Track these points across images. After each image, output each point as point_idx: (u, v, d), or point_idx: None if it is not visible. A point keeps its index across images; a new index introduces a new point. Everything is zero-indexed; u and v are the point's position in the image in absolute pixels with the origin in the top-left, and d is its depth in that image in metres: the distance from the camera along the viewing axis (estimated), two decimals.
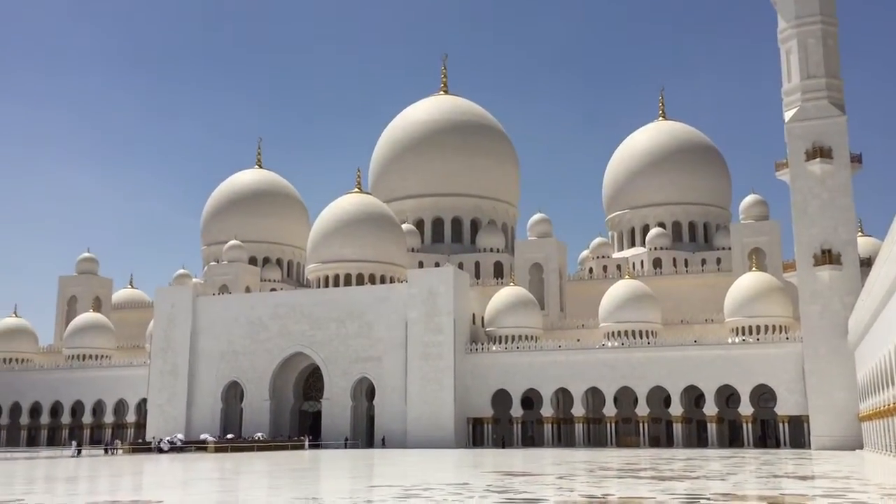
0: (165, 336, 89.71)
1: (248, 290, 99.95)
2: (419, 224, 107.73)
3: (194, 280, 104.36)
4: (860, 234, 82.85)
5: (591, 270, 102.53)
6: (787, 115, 70.94)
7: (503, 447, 75.12)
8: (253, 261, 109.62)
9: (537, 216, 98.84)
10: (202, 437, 78.23)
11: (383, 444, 78.49)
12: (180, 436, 79.33)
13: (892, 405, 41.18)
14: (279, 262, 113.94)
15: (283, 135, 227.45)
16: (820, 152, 68.58)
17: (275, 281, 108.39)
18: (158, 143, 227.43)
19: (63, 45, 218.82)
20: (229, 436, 79.89)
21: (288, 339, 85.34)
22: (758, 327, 75.90)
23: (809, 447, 67.02)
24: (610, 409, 76.16)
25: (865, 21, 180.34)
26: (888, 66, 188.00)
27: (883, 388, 44.46)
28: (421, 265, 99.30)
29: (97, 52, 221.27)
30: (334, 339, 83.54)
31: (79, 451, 69.31)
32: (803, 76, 70.45)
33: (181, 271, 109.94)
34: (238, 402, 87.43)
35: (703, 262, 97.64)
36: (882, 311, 42.54)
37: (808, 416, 68.52)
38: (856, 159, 69.44)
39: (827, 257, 67.58)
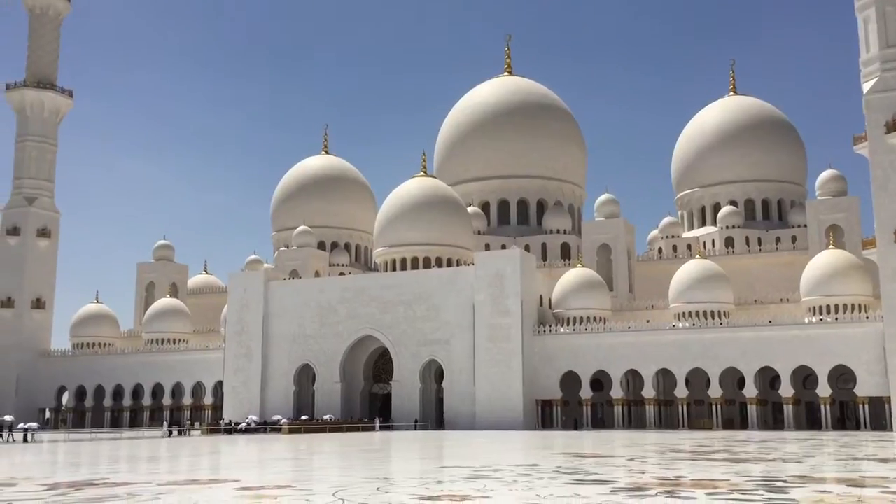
0: (239, 320, 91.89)
1: (317, 274, 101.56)
2: (485, 206, 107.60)
3: (265, 265, 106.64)
4: None
5: (660, 251, 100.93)
6: (866, 86, 68.33)
7: (576, 429, 74.78)
8: (321, 246, 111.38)
9: (604, 196, 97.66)
10: (275, 418, 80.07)
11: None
12: (254, 417, 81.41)
13: None
14: (347, 247, 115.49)
15: (349, 121, 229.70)
16: None
17: (343, 265, 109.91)
18: (229, 133, 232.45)
19: (135, 42, 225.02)
20: (303, 417, 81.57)
21: (357, 322, 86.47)
22: (836, 307, 73.64)
23: (891, 429, 64.89)
24: (681, 391, 75.05)
25: None
26: None
27: None
28: (487, 248, 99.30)
29: (167, 48, 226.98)
30: (402, 322, 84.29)
31: (170, 433, 71.66)
32: (882, 45, 67.70)
33: (253, 257, 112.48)
34: (310, 384, 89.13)
35: (778, 240, 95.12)
36: None
37: (889, 398, 66.35)
38: None
39: None
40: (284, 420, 77.63)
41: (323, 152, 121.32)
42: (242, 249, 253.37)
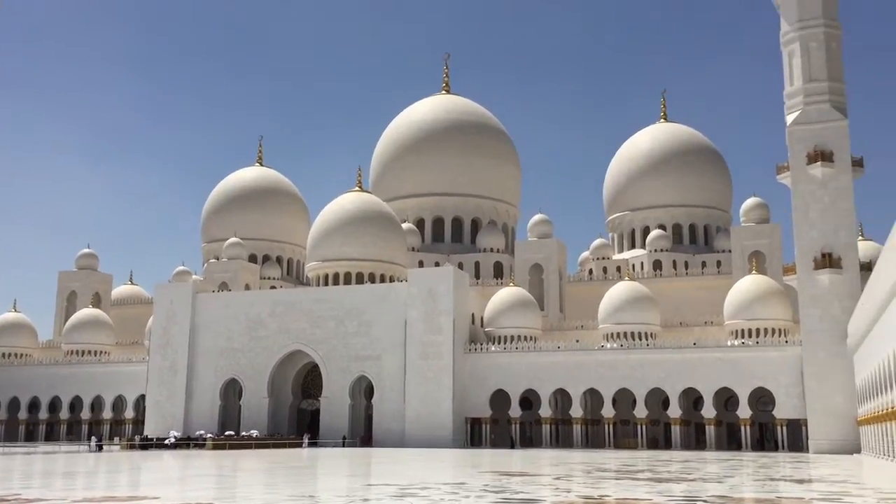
0: (165, 333, 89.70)
1: (247, 287, 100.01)
2: (420, 223, 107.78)
3: (194, 277, 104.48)
4: (861, 238, 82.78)
5: (591, 272, 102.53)
6: (789, 118, 70.92)
7: (512, 447, 75.04)
8: (253, 258, 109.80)
9: (538, 217, 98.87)
10: (198, 433, 78.26)
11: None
12: (176, 432, 79.38)
13: (889, 410, 41.15)
14: (279, 260, 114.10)
15: (285, 133, 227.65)
16: (821, 156, 68.55)
17: (274, 279, 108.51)
18: (160, 140, 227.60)
19: (63, 43, 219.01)
20: (228, 433, 79.91)
21: (287, 336, 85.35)
22: (757, 330, 75.87)
23: (807, 451, 66.98)
24: (608, 411, 76.13)
25: (868, 25, 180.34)
26: (890, 70, 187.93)
27: (881, 393, 44.44)
28: (421, 264, 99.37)
29: (98, 50, 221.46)
30: (333, 338, 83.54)
31: (99, 447, 69.28)
32: (805, 79, 70.42)
33: (181, 268, 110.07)
34: (237, 399, 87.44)
35: (704, 264, 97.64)
36: (882, 315, 42.50)
37: (806, 420, 68.50)
38: (857, 163, 69.40)
39: (827, 261, 67.57)
40: (209, 435, 75.89)
41: (257, 164, 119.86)
42: (171, 260, 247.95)
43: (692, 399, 76.65)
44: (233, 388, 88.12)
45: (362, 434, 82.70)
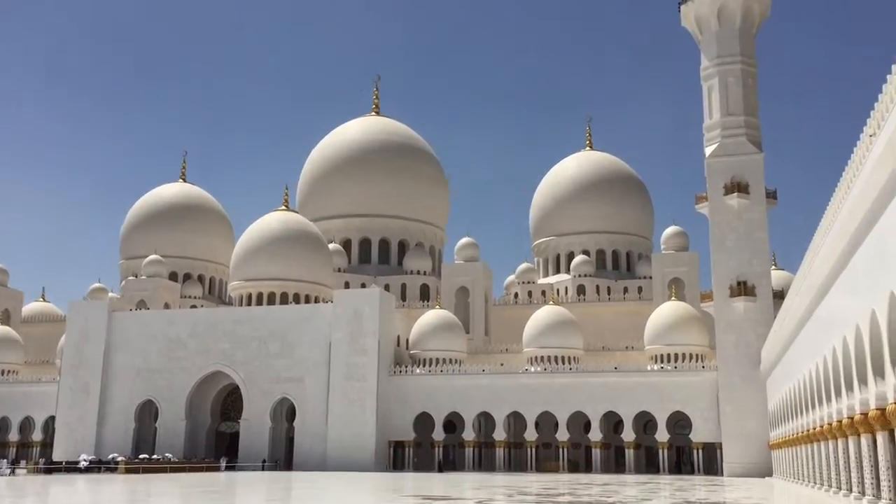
0: (77, 352, 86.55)
1: (166, 306, 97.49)
2: (346, 244, 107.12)
3: (111, 295, 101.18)
4: (774, 267, 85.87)
5: (516, 295, 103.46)
6: (708, 150, 73.27)
7: (440, 471, 74.58)
8: (173, 276, 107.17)
9: (465, 240, 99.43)
10: (111, 456, 75.50)
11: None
12: (87, 455, 76.38)
13: (799, 434, 42.58)
14: (201, 279, 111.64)
15: (211, 150, 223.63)
16: (737, 187, 70.95)
17: (195, 298, 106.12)
18: (78, 152, 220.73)
19: None
20: (142, 456, 77.32)
21: (207, 357, 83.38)
22: (676, 355, 77.67)
23: (722, 474, 68.67)
24: (531, 434, 76.62)
25: (783, 64, 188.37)
26: (802, 107, 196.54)
27: (791, 418, 45.96)
28: (347, 286, 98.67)
29: (12, 59, 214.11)
30: (255, 359, 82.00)
31: (12, 470, 66.10)
32: (723, 113, 72.94)
33: (97, 285, 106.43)
34: (152, 421, 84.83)
35: (626, 290, 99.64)
36: (792, 342, 44.07)
37: (721, 444, 70.26)
38: (771, 195, 72.05)
39: (742, 289, 69.77)
40: (121, 458, 73.29)
41: (180, 180, 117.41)
42: (87, 277, 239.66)
43: (612, 422, 77.82)
44: (149, 410, 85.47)
45: (283, 457, 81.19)
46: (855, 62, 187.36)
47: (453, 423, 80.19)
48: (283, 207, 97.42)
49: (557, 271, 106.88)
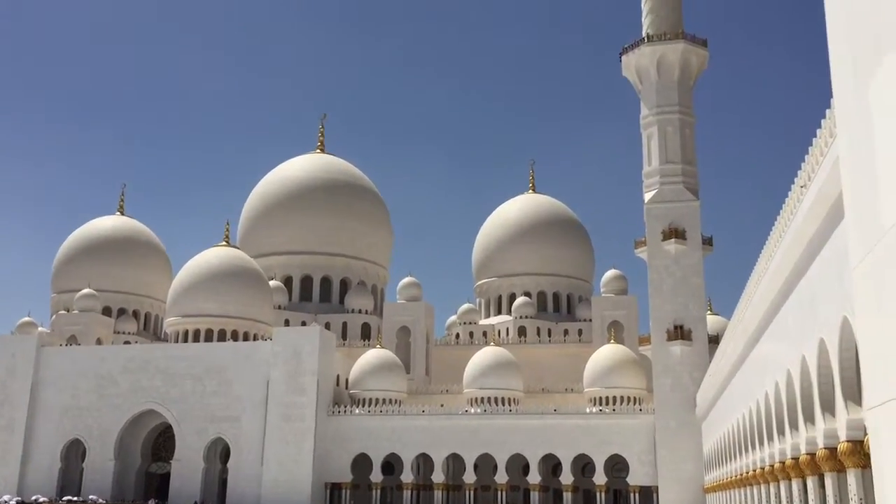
0: (3, 388, 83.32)
1: (99, 342, 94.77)
2: (287, 281, 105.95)
3: (40, 329, 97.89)
4: (709, 312, 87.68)
5: (457, 336, 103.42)
6: (647, 196, 74.91)
7: None
8: (107, 311, 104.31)
9: (407, 279, 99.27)
10: (34, 498, 72.42)
11: None
12: (8, 497, 73.11)
13: (733, 478, 43.20)
14: (136, 314, 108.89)
15: (151, 183, 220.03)
16: (675, 233, 72.54)
17: (129, 333, 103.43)
18: (9, 182, 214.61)
19: None
20: (66, 498, 74.34)
21: (139, 395, 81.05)
22: (614, 398, 78.33)
23: None
24: (470, 476, 76.08)
25: (719, 114, 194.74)
26: (738, 157, 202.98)
27: (725, 462, 46.65)
28: (287, 323, 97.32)
29: None
30: (190, 397, 80.00)
31: None
32: (662, 161, 74.79)
33: (26, 319, 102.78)
34: (80, 461, 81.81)
35: (566, 332, 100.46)
36: (727, 387, 44.91)
37: (657, 487, 70.78)
38: (707, 242, 73.82)
39: (679, 333, 70.98)
40: (45, 500, 70.37)
41: (118, 213, 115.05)
42: (15, 311, 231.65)
43: (551, 465, 77.83)
44: (76, 450, 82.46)
45: (215, 500, 78.95)
46: (789, 115, 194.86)
47: (392, 465, 79.20)
48: (224, 243, 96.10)
49: (499, 312, 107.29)
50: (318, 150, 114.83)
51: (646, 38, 75.52)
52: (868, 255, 5.39)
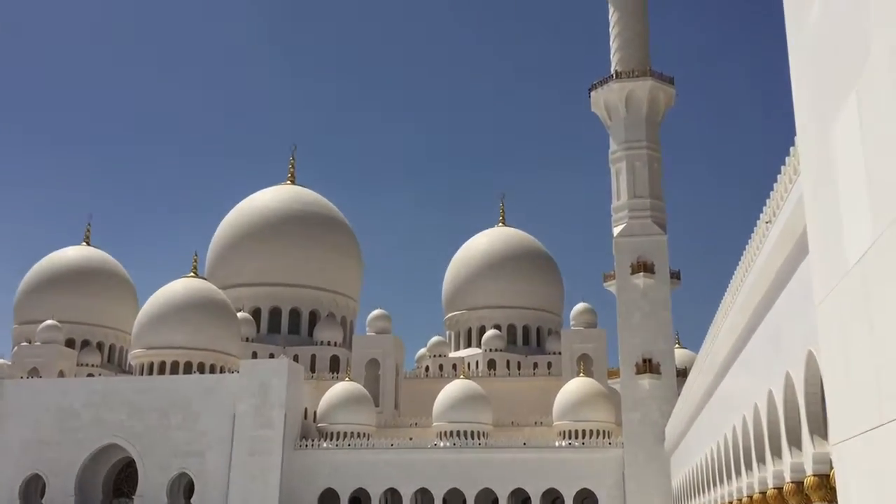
0: None
1: (61, 374, 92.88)
2: (256, 313, 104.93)
3: (1, 361, 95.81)
4: (677, 345, 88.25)
5: (427, 369, 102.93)
6: (616, 230, 75.59)
7: None
8: (70, 343, 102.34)
9: (377, 312, 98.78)
10: None
11: None
12: None
13: None
14: (100, 346, 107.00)
15: (119, 215, 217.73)
16: (643, 267, 73.16)
17: (93, 366, 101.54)
18: None
19: None
20: None
21: (102, 429, 79.35)
22: (583, 431, 78.23)
23: None
24: None
25: (687, 149, 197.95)
26: (705, 191, 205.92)
27: (693, 496, 46.65)
28: (255, 355, 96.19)
29: None
30: (154, 431, 78.48)
31: None
32: (630, 195, 75.62)
33: None
34: (39, 498, 79.67)
35: (535, 365, 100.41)
36: (694, 421, 45.07)
37: None
38: (675, 276, 74.52)
39: (647, 366, 71.29)
40: None
41: (84, 243, 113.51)
42: None
43: (521, 499, 77.27)
44: (35, 486, 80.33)
45: None
46: (754, 150, 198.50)
47: (359, 500, 78.12)
48: (192, 274, 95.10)
49: (469, 345, 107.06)
50: (289, 182, 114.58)
51: (614, 75, 76.76)
52: (832, 292, 5.46)
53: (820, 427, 19.65)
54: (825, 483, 19.84)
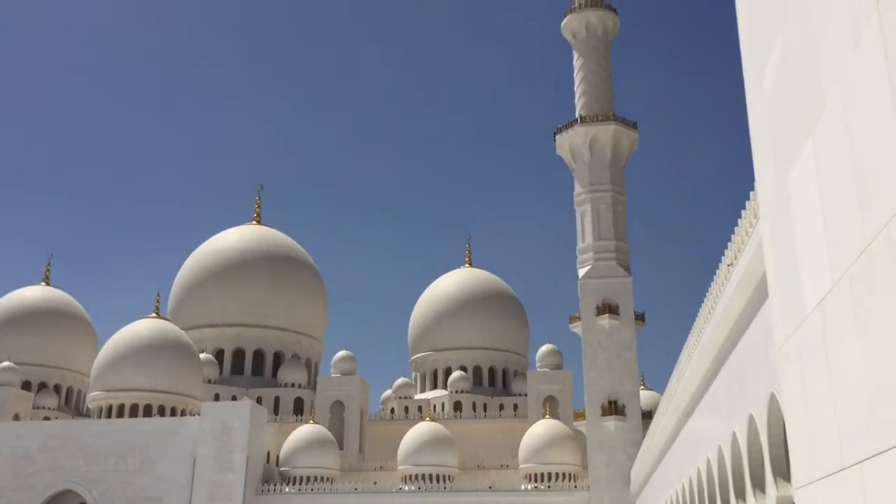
0: None
1: (16, 417, 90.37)
2: (219, 354, 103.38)
3: None
4: (642, 387, 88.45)
5: (392, 410, 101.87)
6: (581, 271, 76.13)
7: None
8: (27, 385, 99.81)
9: (342, 353, 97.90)
10: None
11: None
12: None
13: None
14: (57, 389, 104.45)
15: (79, 253, 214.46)
16: (608, 308, 73.63)
17: (50, 409, 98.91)
18: None
19: None
20: None
21: (57, 474, 77.13)
22: (549, 474, 77.76)
23: None
24: None
25: (650, 193, 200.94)
26: (668, 234, 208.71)
27: None
28: (217, 398, 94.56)
29: None
30: (111, 476, 76.45)
31: None
32: (595, 238, 76.39)
33: None
34: None
35: (502, 406, 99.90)
36: (660, 462, 45.07)
37: None
38: (639, 317, 75.08)
39: (613, 408, 71.37)
40: None
41: (43, 283, 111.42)
42: None
43: None
44: None
45: None
46: (716, 194, 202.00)
47: None
48: (154, 314, 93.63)
49: (435, 387, 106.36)
50: (255, 222, 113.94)
51: (579, 119, 78.02)
52: (792, 336, 5.54)
53: (783, 470, 19.77)
54: None
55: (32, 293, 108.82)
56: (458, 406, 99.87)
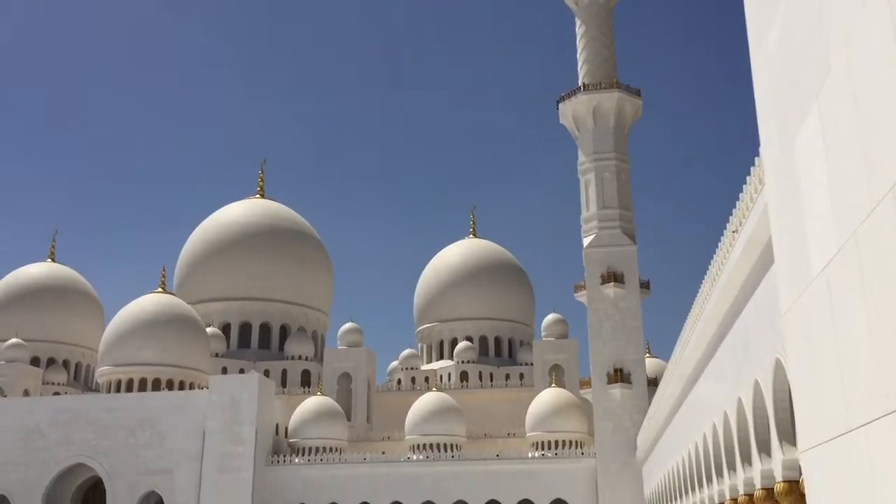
0: None
1: (26, 393, 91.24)
2: (226, 328, 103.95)
3: None
4: (648, 355, 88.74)
5: (399, 381, 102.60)
6: (586, 241, 76.07)
7: None
8: (35, 361, 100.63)
9: (348, 325, 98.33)
10: None
11: None
12: None
13: None
14: (66, 364, 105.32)
15: (84, 229, 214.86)
16: (613, 277, 73.66)
17: (59, 384, 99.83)
18: None
19: None
20: None
21: (69, 448, 77.97)
22: (556, 442, 78.36)
23: None
24: None
25: (655, 160, 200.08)
26: (673, 201, 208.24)
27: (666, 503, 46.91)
28: (225, 371, 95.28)
29: None
30: (122, 449, 77.27)
31: None
32: (600, 206, 76.21)
33: None
34: None
35: (507, 376, 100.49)
36: (665, 429, 45.36)
37: None
38: (644, 285, 75.13)
39: (618, 376, 71.70)
40: None
41: (49, 260, 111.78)
42: None
43: None
44: None
45: None
46: (721, 160, 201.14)
47: None
48: (160, 289, 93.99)
49: (441, 357, 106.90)
50: (258, 196, 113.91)
51: (582, 87, 77.44)
52: (798, 301, 5.54)
53: (789, 434, 19.89)
54: (795, 489, 20.07)
55: (38, 270, 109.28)
56: (464, 376, 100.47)
